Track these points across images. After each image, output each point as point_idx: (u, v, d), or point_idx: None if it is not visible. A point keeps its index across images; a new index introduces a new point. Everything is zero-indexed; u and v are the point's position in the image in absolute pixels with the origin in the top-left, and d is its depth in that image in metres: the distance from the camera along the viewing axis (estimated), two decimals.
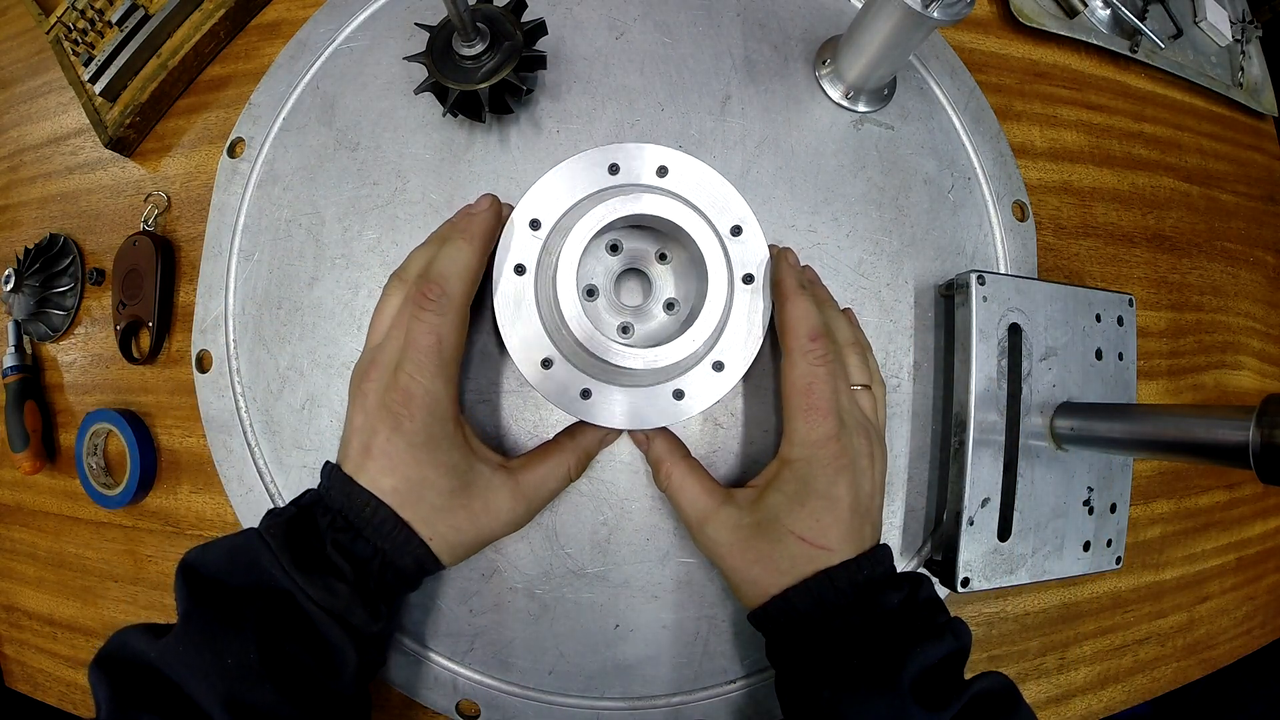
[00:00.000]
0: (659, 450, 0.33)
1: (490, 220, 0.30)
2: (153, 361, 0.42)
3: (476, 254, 0.29)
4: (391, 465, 0.27)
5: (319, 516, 0.28)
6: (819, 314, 0.30)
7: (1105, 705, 0.43)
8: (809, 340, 0.29)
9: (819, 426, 0.28)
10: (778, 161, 0.38)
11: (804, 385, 0.29)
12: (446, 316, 0.28)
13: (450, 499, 0.28)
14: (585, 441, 0.33)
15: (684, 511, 0.32)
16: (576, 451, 0.32)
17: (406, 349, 0.27)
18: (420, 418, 0.27)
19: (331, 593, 0.26)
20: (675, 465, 0.32)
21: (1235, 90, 0.53)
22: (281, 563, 0.26)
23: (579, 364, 0.31)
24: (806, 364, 0.29)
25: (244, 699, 0.24)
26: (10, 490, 0.48)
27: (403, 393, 0.27)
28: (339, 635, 0.26)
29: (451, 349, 0.28)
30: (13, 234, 0.49)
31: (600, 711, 0.35)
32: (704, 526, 0.31)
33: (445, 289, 0.28)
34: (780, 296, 0.31)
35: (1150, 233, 0.48)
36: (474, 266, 0.29)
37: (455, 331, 0.28)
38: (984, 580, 0.35)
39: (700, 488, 0.31)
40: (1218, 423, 0.28)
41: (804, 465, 0.29)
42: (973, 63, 0.44)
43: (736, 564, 0.29)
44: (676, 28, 0.40)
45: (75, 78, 0.45)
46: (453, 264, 0.28)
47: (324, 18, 0.41)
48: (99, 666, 0.25)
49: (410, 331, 0.28)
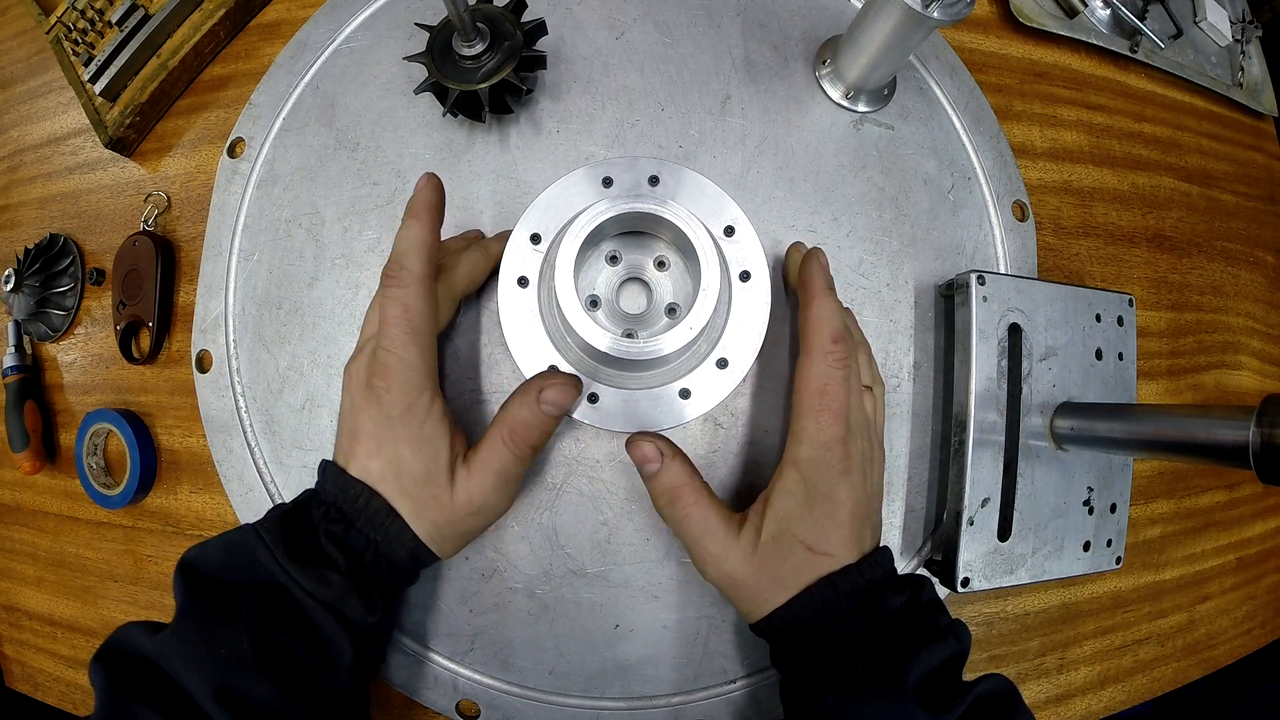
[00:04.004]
0: (675, 478, 0.29)
1: (431, 195, 0.30)
2: (153, 361, 0.42)
3: (425, 227, 0.30)
4: (377, 445, 0.28)
5: (313, 509, 0.28)
6: (842, 316, 0.30)
7: (1105, 705, 0.43)
8: (831, 342, 0.29)
9: (829, 429, 0.28)
10: (778, 161, 0.38)
11: (819, 386, 0.29)
12: (409, 288, 0.28)
13: (424, 489, 0.28)
14: (512, 411, 0.29)
15: (702, 548, 0.29)
16: (506, 423, 0.29)
17: (380, 326, 0.29)
18: (396, 388, 0.28)
19: (325, 583, 0.26)
20: (698, 498, 0.29)
21: (1235, 90, 0.53)
22: (275, 555, 0.26)
23: (584, 370, 0.32)
24: (825, 365, 0.29)
25: (236, 689, 0.24)
26: (10, 490, 0.48)
27: (381, 366, 0.28)
28: (333, 627, 0.26)
29: (420, 318, 0.29)
30: (13, 234, 0.49)
31: (600, 711, 0.35)
32: (722, 563, 0.29)
33: (404, 264, 0.29)
34: (807, 295, 0.31)
35: (1150, 233, 0.48)
36: (426, 239, 0.29)
37: (420, 300, 0.29)
38: (984, 580, 0.35)
39: (720, 520, 0.29)
40: (1218, 423, 0.28)
41: (811, 466, 0.28)
42: (973, 63, 0.44)
43: (748, 591, 0.29)
44: (676, 28, 0.40)
45: (75, 78, 0.45)
46: (405, 242, 0.29)
47: (324, 18, 0.41)
48: (98, 660, 0.25)
49: (381, 311, 0.29)
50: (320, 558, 0.27)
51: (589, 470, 0.35)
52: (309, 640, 0.26)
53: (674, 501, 0.29)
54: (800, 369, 0.30)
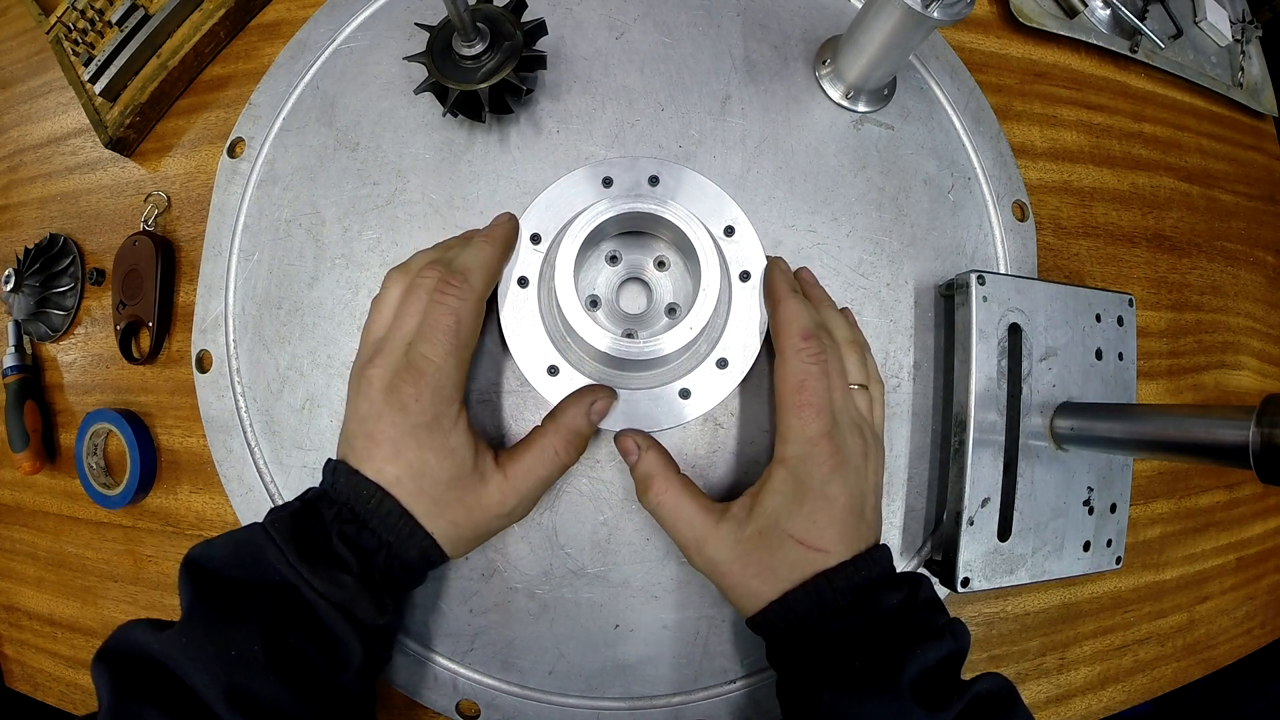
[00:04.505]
0: (649, 466, 0.31)
1: (510, 230, 0.32)
2: (153, 361, 0.42)
3: (498, 254, 0.31)
4: (396, 451, 0.28)
5: (324, 509, 0.28)
6: (811, 314, 0.31)
7: (1105, 705, 0.43)
8: (801, 339, 0.30)
9: (812, 424, 0.28)
10: (778, 161, 0.38)
11: (796, 383, 0.29)
12: (467, 302, 0.29)
13: (447, 491, 0.28)
14: (568, 419, 0.31)
15: (680, 533, 0.30)
16: (560, 432, 0.30)
17: (422, 328, 0.28)
18: (427, 396, 0.28)
19: (336, 584, 0.26)
20: (669, 484, 0.31)
21: (1235, 90, 0.53)
22: (286, 555, 0.26)
23: (585, 370, 0.32)
24: (799, 362, 0.29)
25: (247, 690, 0.24)
26: (10, 490, 0.48)
27: (413, 370, 0.28)
28: (344, 628, 0.26)
29: (468, 332, 0.29)
30: (13, 234, 0.49)
31: (600, 711, 0.35)
32: (703, 548, 0.30)
33: (468, 279, 0.29)
34: (773, 301, 0.32)
35: (1150, 233, 0.48)
36: (495, 264, 0.30)
37: (473, 317, 0.29)
38: (984, 580, 0.35)
39: (695, 506, 0.30)
40: (1218, 423, 0.28)
41: (798, 463, 0.29)
42: (973, 63, 0.44)
43: (736, 580, 0.29)
44: (676, 28, 0.40)
45: (75, 78, 0.45)
46: (475, 259, 0.30)
47: (324, 18, 0.41)
48: (101, 660, 0.25)
49: (428, 314, 0.28)
50: (331, 558, 0.27)
51: (589, 470, 0.35)
52: (320, 641, 0.26)
53: (648, 489, 0.31)
54: (776, 370, 0.30)
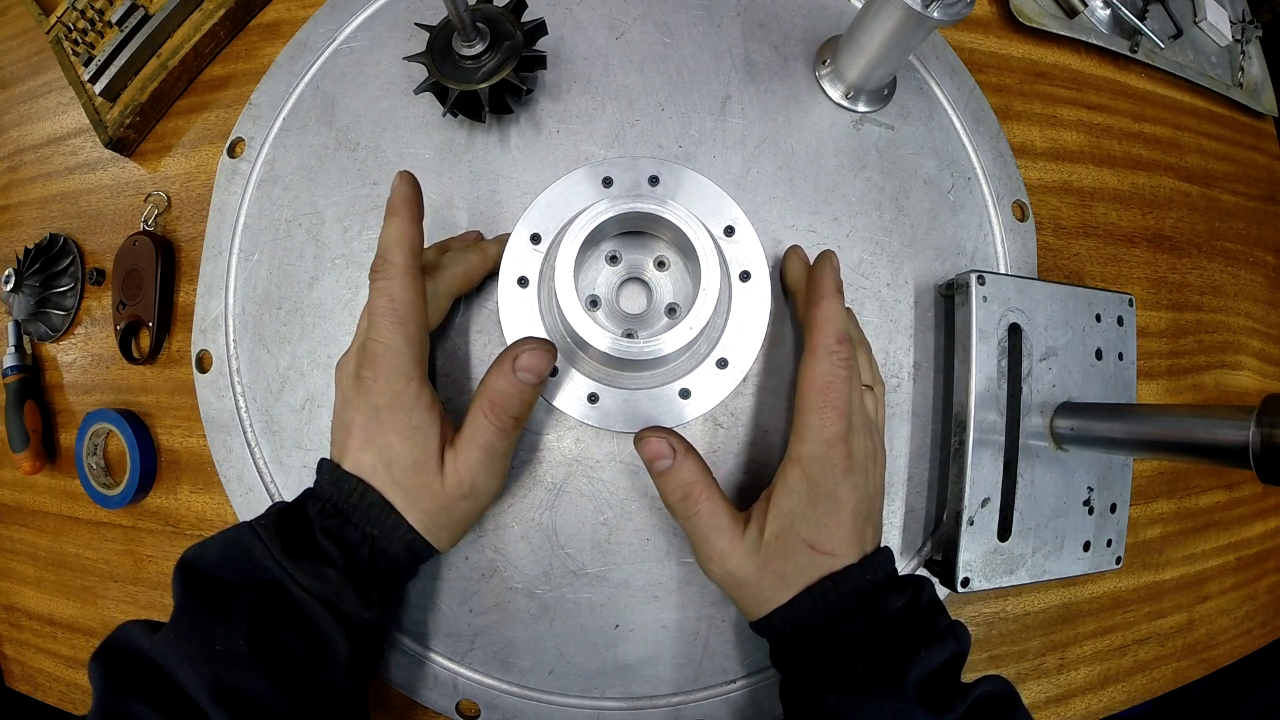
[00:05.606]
0: (690, 474, 0.29)
1: (407, 190, 0.30)
2: (153, 361, 0.42)
3: (404, 221, 0.30)
4: (367, 437, 0.28)
5: (309, 506, 0.29)
6: (846, 318, 0.31)
7: (1105, 705, 0.43)
8: (836, 342, 0.29)
9: (832, 425, 0.28)
10: (778, 161, 0.38)
11: (824, 383, 0.29)
12: (394, 279, 0.29)
13: (414, 477, 0.28)
14: (489, 383, 0.29)
15: (710, 544, 0.29)
16: (485, 396, 0.29)
17: (369, 317, 0.29)
18: (384, 376, 0.28)
19: (320, 578, 0.26)
20: (710, 494, 0.29)
21: (1235, 90, 0.53)
22: (271, 551, 0.26)
23: (584, 369, 0.32)
24: (830, 364, 0.29)
25: (232, 685, 0.24)
26: (10, 490, 0.48)
27: (368, 354, 0.29)
28: (329, 622, 0.26)
29: (405, 306, 0.29)
30: (13, 234, 0.49)
31: (600, 711, 0.35)
32: (725, 560, 0.29)
33: (387, 258, 0.29)
34: (817, 293, 0.31)
35: (1150, 233, 0.48)
36: (406, 232, 0.30)
37: (405, 290, 0.29)
38: (984, 580, 0.35)
39: (729, 517, 0.29)
40: (1218, 423, 0.28)
41: (813, 463, 0.28)
42: (973, 63, 0.44)
43: (751, 591, 0.29)
44: (676, 28, 0.40)
45: (75, 78, 0.45)
46: (387, 237, 0.30)
47: (324, 18, 0.41)
48: (97, 659, 0.25)
49: (369, 305, 0.29)
50: (316, 553, 0.27)
51: (589, 470, 0.35)
52: (305, 635, 0.26)
53: (686, 498, 0.29)
54: (804, 366, 0.30)
